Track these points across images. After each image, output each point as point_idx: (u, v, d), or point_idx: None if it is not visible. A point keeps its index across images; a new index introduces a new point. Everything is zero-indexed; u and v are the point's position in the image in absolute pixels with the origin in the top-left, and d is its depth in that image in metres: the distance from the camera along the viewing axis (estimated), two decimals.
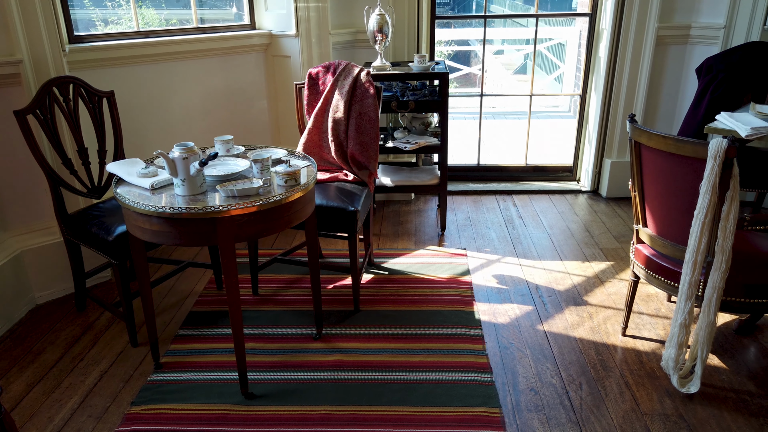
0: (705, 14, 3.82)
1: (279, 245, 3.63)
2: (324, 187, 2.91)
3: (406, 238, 3.71)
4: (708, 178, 2.00)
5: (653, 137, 2.14)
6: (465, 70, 8.30)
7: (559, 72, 7.37)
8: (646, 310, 2.88)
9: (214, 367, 2.50)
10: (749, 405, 2.25)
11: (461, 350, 2.58)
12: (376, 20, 3.54)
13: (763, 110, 2.71)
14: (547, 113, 7.12)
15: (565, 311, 2.89)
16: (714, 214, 2.05)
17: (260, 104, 3.94)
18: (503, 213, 4.08)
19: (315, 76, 3.14)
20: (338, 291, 3.09)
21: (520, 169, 4.67)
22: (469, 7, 14.77)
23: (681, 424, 2.16)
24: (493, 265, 3.36)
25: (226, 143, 2.59)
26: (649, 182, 2.30)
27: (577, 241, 3.65)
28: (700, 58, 3.73)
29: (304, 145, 3.10)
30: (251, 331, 2.74)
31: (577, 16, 5.33)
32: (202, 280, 3.23)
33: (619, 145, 4.20)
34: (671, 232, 2.28)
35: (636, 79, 3.99)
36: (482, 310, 2.91)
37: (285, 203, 2.14)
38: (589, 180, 4.39)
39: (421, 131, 3.82)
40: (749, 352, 2.57)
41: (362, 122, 2.98)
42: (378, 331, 2.72)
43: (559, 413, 2.23)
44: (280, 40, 3.77)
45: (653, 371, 2.45)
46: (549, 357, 2.55)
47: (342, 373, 2.44)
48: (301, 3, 3.59)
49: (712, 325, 2.19)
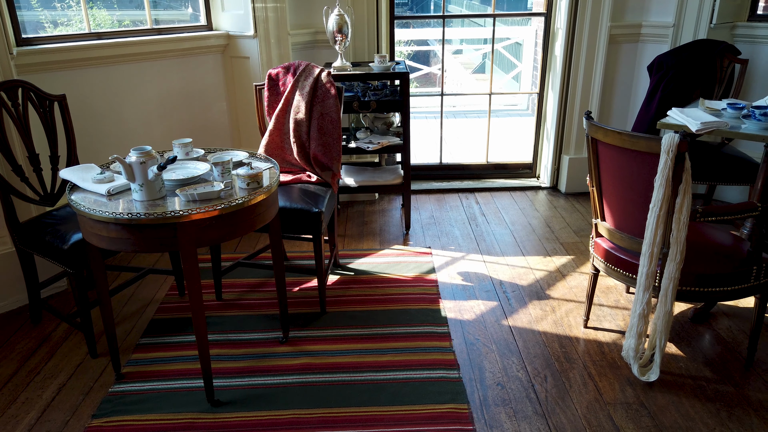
0: (655, 13, 3.95)
1: (242, 249, 3.58)
2: (287, 189, 2.88)
3: (371, 238, 3.71)
4: (662, 172, 2.07)
5: (609, 133, 2.20)
6: (425, 69, 8.35)
7: (516, 71, 7.50)
8: (606, 302, 2.96)
9: (178, 375, 2.45)
10: (706, 390, 2.33)
11: (428, 348, 2.60)
12: (335, 20, 3.52)
13: (712, 105, 2.81)
14: (507, 111, 7.24)
15: (528, 306, 2.94)
16: (668, 206, 2.12)
17: (219, 106, 3.88)
18: (466, 211, 4.13)
19: (275, 77, 3.11)
20: (304, 293, 3.07)
21: (482, 167, 4.73)
22: (428, 7, 14.88)
23: (642, 411, 2.23)
24: (458, 263, 3.39)
25: (185, 146, 2.54)
26: (606, 177, 2.36)
27: (538, 236, 3.71)
28: (651, 55, 3.85)
29: (265, 147, 3.06)
30: (216, 337, 2.69)
31: (533, 15, 5.44)
32: (163, 287, 3.16)
33: (577, 141, 4.29)
34: (628, 225, 2.34)
35: (591, 77, 4.09)
36: (448, 307, 2.93)
37: (247, 206, 2.11)
38: (549, 176, 4.48)
39: (383, 131, 3.83)
40: (704, 340, 2.67)
41: (324, 123, 2.96)
42: (345, 332, 2.71)
43: (525, 406, 2.26)
44: (239, 41, 3.72)
45: (614, 361, 2.51)
46: (514, 351, 2.59)
47: (310, 376, 2.42)
48: (259, 3, 3.55)
49: (669, 315, 2.26)
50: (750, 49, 3.81)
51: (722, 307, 2.90)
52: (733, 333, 2.69)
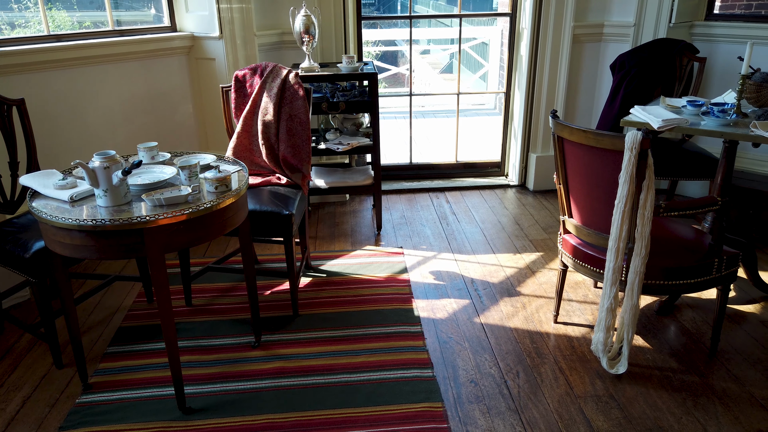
0: (616, 13, 4.04)
1: (212, 253, 3.53)
2: (257, 191, 2.86)
3: (343, 240, 3.70)
4: (626, 169, 2.12)
5: (574, 132, 2.24)
6: (393, 70, 8.37)
7: (484, 71, 7.57)
8: (575, 297, 3.01)
9: (148, 383, 2.40)
10: (672, 381, 2.40)
11: (402, 348, 2.60)
12: (302, 21, 3.50)
13: (673, 103, 2.88)
14: (475, 111, 7.30)
15: (500, 303, 2.98)
16: (633, 202, 2.17)
17: (185, 109, 3.82)
18: (437, 210, 4.15)
19: (242, 79, 3.08)
20: (276, 297, 3.05)
21: (451, 166, 4.76)
22: (395, 7, 14.93)
23: (612, 403, 2.27)
24: (430, 262, 3.41)
25: (151, 150, 2.49)
26: (573, 175, 2.40)
27: (508, 234, 3.76)
28: (613, 54, 3.94)
29: (233, 150, 3.02)
30: (186, 344, 2.65)
31: (499, 16, 5.50)
32: (130, 294, 3.09)
33: (543, 140, 4.36)
34: (595, 221, 2.39)
35: (556, 76, 4.16)
36: (421, 306, 2.95)
37: (216, 210, 2.08)
38: (517, 174, 4.54)
39: (353, 132, 3.83)
40: (670, 331, 2.74)
41: (293, 124, 2.94)
42: (318, 335, 2.70)
43: (498, 402, 2.29)
44: (204, 42, 3.66)
45: (584, 355, 2.56)
46: (487, 348, 2.62)
47: (283, 380, 2.40)
48: (224, 4, 3.51)
49: (635, 308, 2.32)
50: (708, 47, 3.93)
51: (686, 299, 2.98)
52: (697, 324, 2.77)
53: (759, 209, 3.54)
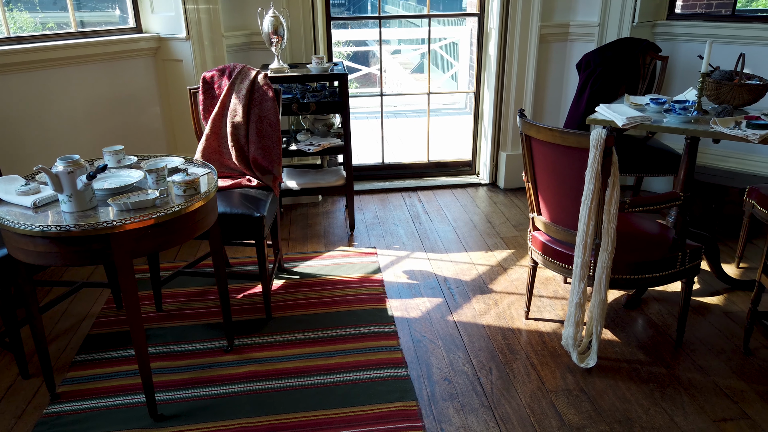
0: (581, 13, 4.11)
1: (182, 257, 3.48)
2: (227, 194, 2.83)
3: (316, 241, 3.69)
4: (591, 166, 2.16)
5: (541, 130, 2.28)
6: (364, 70, 8.36)
7: (454, 70, 7.62)
8: (545, 293, 3.06)
9: (118, 391, 2.36)
10: (640, 373, 2.45)
11: (376, 348, 2.61)
12: (270, 22, 3.48)
13: (636, 101, 2.95)
14: (445, 110, 7.35)
15: (472, 300, 3.01)
16: (599, 199, 2.22)
17: (152, 111, 3.76)
18: (410, 209, 4.17)
19: (210, 80, 3.04)
20: (248, 300, 3.02)
21: (423, 165, 4.78)
22: (365, 7, 14.93)
23: (582, 397, 2.32)
24: (403, 261, 3.42)
25: (117, 154, 2.45)
26: (541, 172, 2.44)
27: (479, 232, 3.80)
28: (579, 54, 4.01)
29: (202, 152, 2.99)
30: (157, 350, 2.61)
31: (467, 16, 5.55)
32: (99, 301, 3.03)
33: (513, 138, 4.42)
34: (563, 218, 2.43)
35: (524, 76, 4.22)
36: (394, 306, 2.96)
37: (185, 213, 2.06)
38: (488, 173, 4.59)
39: (324, 132, 3.82)
40: (637, 324, 2.80)
41: (263, 126, 2.92)
42: (292, 337, 2.69)
43: (472, 399, 2.31)
44: (170, 43, 3.61)
45: (555, 350, 2.60)
46: (460, 346, 2.64)
47: (257, 384, 2.38)
48: (191, 5, 3.46)
49: (603, 302, 2.37)
50: (670, 46, 4.03)
51: (652, 293, 3.05)
52: (663, 316, 2.84)
53: (720, 203, 3.65)
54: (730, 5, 4.49)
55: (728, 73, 2.75)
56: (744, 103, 2.70)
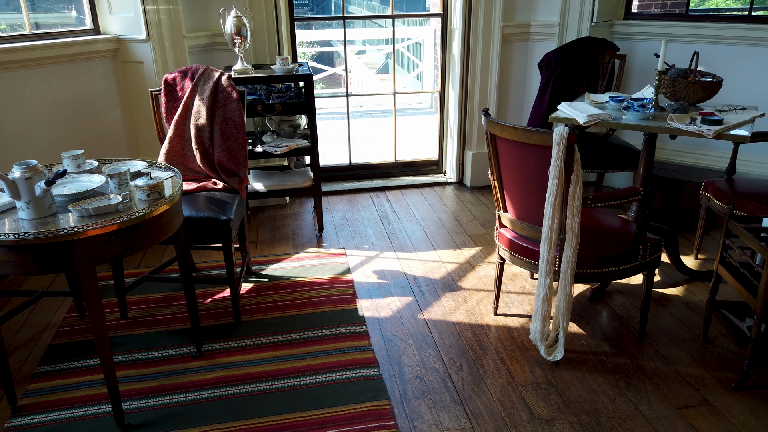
0: (542, 13, 4.18)
1: (147, 263, 3.41)
2: (192, 197, 2.79)
3: (284, 243, 3.67)
4: (554, 163, 2.20)
5: (506, 129, 2.31)
6: (329, 70, 8.34)
7: (419, 70, 7.67)
8: (513, 289, 3.11)
9: (83, 401, 2.30)
10: (606, 364, 2.52)
11: (347, 348, 2.61)
12: (233, 22, 3.44)
13: (596, 99, 3.02)
14: (412, 110, 7.38)
15: (442, 298, 3.03)
16: (562, 195, 2.26)
17: (113, 114, 3.67)
18: (378, 209, 4.18)
19: (172, 82, 2.99)
20: (217, 304, 2.98)
21: (391, 165, 4.80)
22: (328, 8, 14.88)
23: (551, 389, 2.36)
24: (373, 261, 3.43)
25: (76, 159, 2.39)
26: (506, 170, 2.48)
27: (447, 230, 3.83)
28: (540, 53, 4.08)
29: (165, 155, 2.94)
30: (123, 358, 2.55)
31: (431, 16, 5.59)
32: (60, 310, 2.95)
33: (478, 137, 4.47)
34: (528, 215, 2.48)
35: (488, 75, 4.27)
36: (365, 306, 2.96)
37: (149, 218, 2.02)
38: (454, 172, 4.63)
39: (290, 134, 3.79)
40: (602, 317, 2.87)
41: (227, 128, 2.89)
42: (262, 341, 2.67)
43: (444, 396, 2.33)
44: (130, 45, 3.54)
45: (523, 344, 2.65)
46: (431, 344, 2.66)
47: (227, 389, 2.36)
48: (150, 5, 3.40)
49: (569, 296, 2.42)
50: (627, 45, 4.13)
51: (616, 286, 3.13)
52: (627, 308, 2.92)
53: (678, 197, 3.77)
54: (683, 5, 4.64)
55: (683, 71, 2.84)
56: (698, 100, 2.80)
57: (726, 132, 2.51)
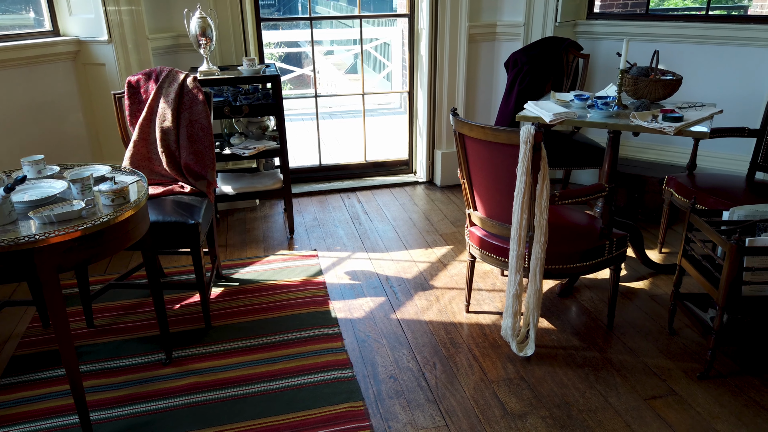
0: (507, 13, 4.23)
1: (113, 269, 3.34)
2: (159, 202, 2.74)
3: (255, 246, 3.63)
4: (522, 161, 2.23)
5: (474, 128, 2.34)
6: (297, 71, 8.29)
7: (387, 71, 7.68)
8: (484, 287, 3.14)
9: (48, 414, 2.24)
10: (576, 358, 2.56)
11: (321, 351, 2.60)
12: (197, 23, 3.39)
13: (561, 97, 3.07)
14: (381, 110, 7.39)
15: (414, 297, 3.04)
16: (530, 193, 2.29)
17: (75, 118, 3.58)
18: (349, 210, 4.17)
19: (135, 84, 2.93)
20: (186, 310, 2.93)
21: (361, 166, 4.80)
22: (295, 8, 14.79)
23: (523, 385, 2.39)
24: (345, 262, 3.42)
25: (37, 164, 2.32)
26: (475, 169, 2.50)
27: (419, 229, 3.85)
28: (507, 53, 4.13)
29: (130, 159, 2.88)
30: (89, 368, 2.49)
31: (398, 17, 5.60)
32: (23, 320, 2.86)
33: (447, 137, 4.50)
34: (497, 213, 2.50)
35: (455, 75, 4.30)
36: (338, 307, 2.95)
37: (114, 224, 1.98)
38: (424, 171, 4.65)
39: (258, 135, 3.76)
40: (571, 312, 2.92)
41: (194, 130, 2.85)
42: (234, 346, 2.63)
43: (417, 395, 2.34)
44: (91, 47, 3.45)
45: (495, 341, 2.68)
46: (404, 343, 2.67)
47: (198, 396, 2.32)
48: (111, 6, 3.32)
49: (539, 293, 2.45)
50: (590, 44, 4.22)
51: (584, 281, 3.19)
52: (595, 303, 2.98)
53: (642, 193, 3.86)
54: (644, 5, 4.75)
55: (644, 70, 2.91)
56: (660, 98, 2.87)
57: (686, 128, 2.58)
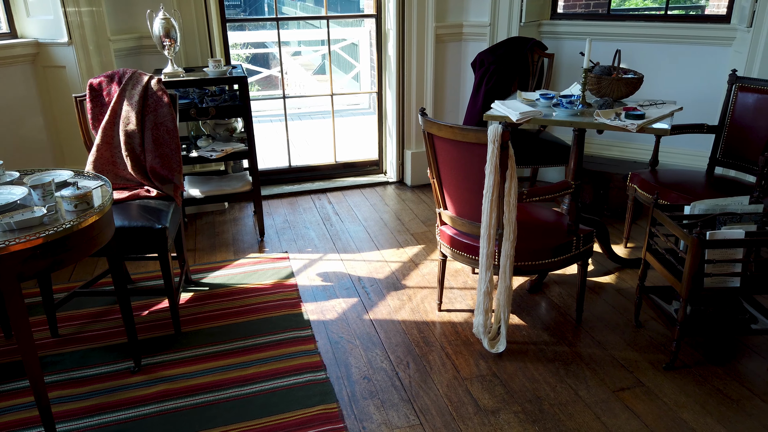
0: (473, 14, 4.28)
1: (78, 277, 3.26)
2: (124, 206, 2.68)
3: (225, 249, 3.58)
4: (490, 160, 2.26)
5: (442, 128, 2.35)
6: (265, 72, 8.22)
7: (355, 71, 7.67)
8: (456, 285, 3.16)
9: (13, 427, 2.17)
10: (546, 353, 2.60)
11: (294, 353, 2.58)
12: (161, 24, 3.33)
13: (528, 96, 3.12)
14: (350, 111, 7.38)
15: (387, 297, 3.05)
16: (499, 191, 2.32)
17: (34, 122, 3.48)
18: (320, 211, 4.15)
19: (97, 87, 2.87)
20: (155, 316, 2.88)
21: (331, 167, 4.78)
22: (261, 8, 14.66)
23: (495, 381, 2.42)
24: (316, 264, 3.40)
25: None
26: (444, 168, 2.52)
27: (390, 229, 3.86)
28: (473, 53, 4.17)
29: (93, 164, 2.81)
30: (55, 378, 2.43)
31: (365, 17, 5.60)
32: None
33: (416, 136, 4.52)
34: (467, 211, 2.53)
35: (423, 75, 4.33)
36: (310, 309, 2.94)
37: (78, 230, 1.93)
38: (395, 171, 4.67)
39: (226, 138, 3.71)
40: (541, 307, 2.96)
41: (159, 133, 2.80)
42: (204, 351, 2.60)
43: (392, 395, 2.35)
44: (51, 49, 3.36)
45: (468, 338, 2.70)
46: (377, 343, 2.67)
47: (169, 403, 2.28)
48: (71, 7, 3.24)
49: (509, 289, 2.48)
50: (555, 44, 4.29)
51: (553, 277, 3.24)
52: (564, 298, 3.03)
53: (607, 189, 3.95)
54: (605, 5, 4.85)
55: (607, 68, 2.97)
56: (622, 96, 2.93)
57: (648, 126, 2.65)
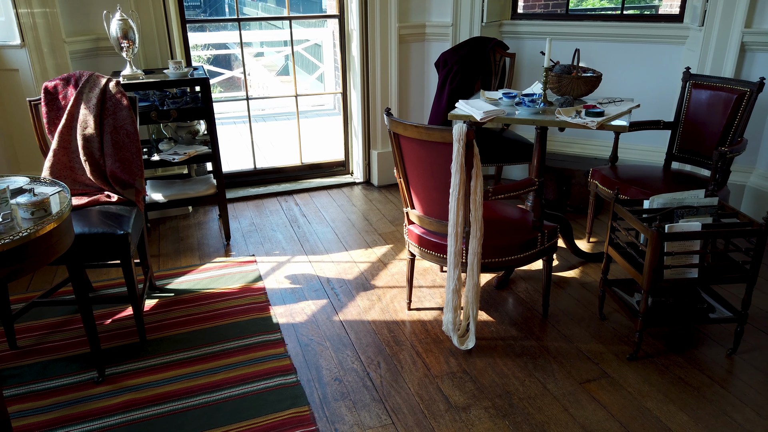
0: (435, 14, 4.31)
1: (36, 286, 3.15)
2: (84, 213, 2.61)
3: (190, 254, 3.52)
4: (456, 159, 2.28)
5: (408, 128, 2.36)
6: (227, 74, 8.11)
7: (319, 72, 7.64)
8: (424, 283, 3.18)
9: None
10: (514, 348, 2.64)
11: (263, 358, 2.55)
12: (118, 26, 3.25)
13: (490, 96, 3.16)
14: (315, 112, 7.34)
15: (356, 298, 3.04)
16: (465, 189, 2.34)
17: None
18: (287, 213, 4.12)
19: (53, 90, 2.78)
20: (119, 325, 2.81)
21: (297, 168, 4.75)
22: (222, 9, 14.46)
23: (465, 377, 2.44)
24: (284, 267, 3.37)
25: None
26: (411, 168, 2.53)
27: (358, 230, 3.85)
28: (437, 53, 4.20)
29: (50, 169, 2.73)
30: (14, 392, 2.34)
31: (328, 17, 5.58)
32: None
33: (382, 137, 4.53)
34: (434, 210, 2.54)
35: (387, 75, 4.34)
36: (279, 312, 2.91)
37: (35, 238, 1.87)
38: (361, 172, 4.66)
39: (188, 140, 3.65)
40: (508, 303, 3.01)
41: (119, 137, 2.73)
42: (171, 358, 2.55)
43: (363, 395, 2.34)
44: (3, 51, 3.25)
45: (437, 336, 2.72)
46: (348, 344, 2.67)
47: (135, 413, 2.23)
48: (23, 9, 3.14)
49: (477, 286, 2.51)
50: (516, 44, 4.35)
51: (519, 273, 3.29)
52: (530, 293, 3.08)
53: (569, 185, 4.03)
54: (564, 5, 4.96)
55: (567, 67, 3.04)
56: (582, 94, 3.00)
57: (607, 123, 2.71)
